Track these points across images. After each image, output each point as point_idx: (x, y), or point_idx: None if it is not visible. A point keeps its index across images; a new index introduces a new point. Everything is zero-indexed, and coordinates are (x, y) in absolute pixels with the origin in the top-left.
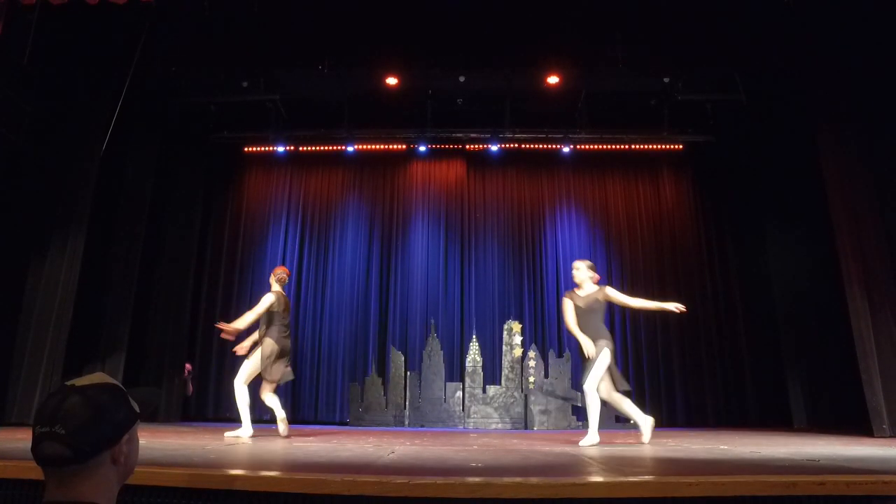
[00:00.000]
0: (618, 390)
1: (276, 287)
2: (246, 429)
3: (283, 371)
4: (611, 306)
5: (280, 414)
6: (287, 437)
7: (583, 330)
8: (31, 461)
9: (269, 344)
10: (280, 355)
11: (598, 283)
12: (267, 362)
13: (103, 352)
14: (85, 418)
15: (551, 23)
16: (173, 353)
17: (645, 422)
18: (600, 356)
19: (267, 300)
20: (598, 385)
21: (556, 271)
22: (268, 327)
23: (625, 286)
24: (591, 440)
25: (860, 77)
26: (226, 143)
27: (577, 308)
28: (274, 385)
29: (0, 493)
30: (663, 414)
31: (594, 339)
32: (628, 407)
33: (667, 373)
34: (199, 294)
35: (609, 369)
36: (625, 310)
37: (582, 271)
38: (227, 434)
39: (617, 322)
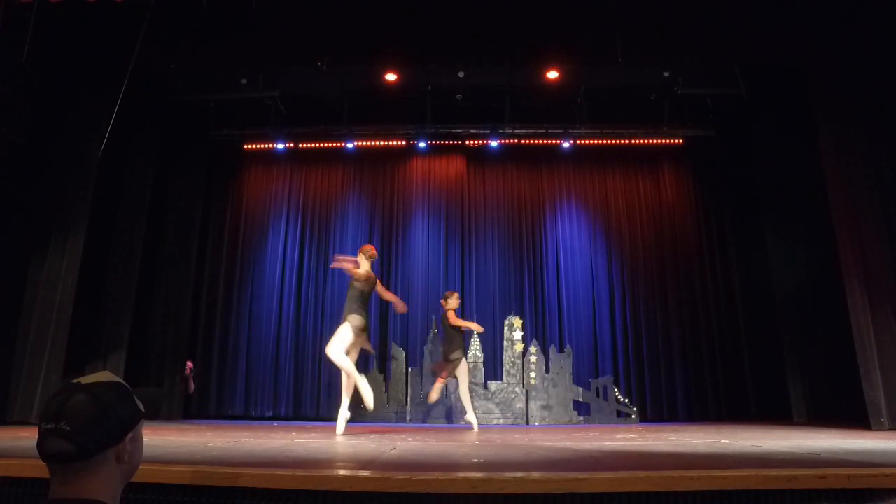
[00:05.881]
0: None
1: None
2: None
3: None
4: (612, 298)
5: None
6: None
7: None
8: (34, 459)
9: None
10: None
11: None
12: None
13: (105, 350)
14: (90, 416)
15: (551, 17)
16: (175, 351)
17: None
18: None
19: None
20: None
21: (556, 266)
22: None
23: (625, 280)
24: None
25: (861, 72)
26: (225, 140)
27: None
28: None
29: (4, 491)
30: (664, 408)
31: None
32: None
33: (667, 367)
34: (199, 291)
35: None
36: (626, 305)
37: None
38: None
39: (618, 316)
